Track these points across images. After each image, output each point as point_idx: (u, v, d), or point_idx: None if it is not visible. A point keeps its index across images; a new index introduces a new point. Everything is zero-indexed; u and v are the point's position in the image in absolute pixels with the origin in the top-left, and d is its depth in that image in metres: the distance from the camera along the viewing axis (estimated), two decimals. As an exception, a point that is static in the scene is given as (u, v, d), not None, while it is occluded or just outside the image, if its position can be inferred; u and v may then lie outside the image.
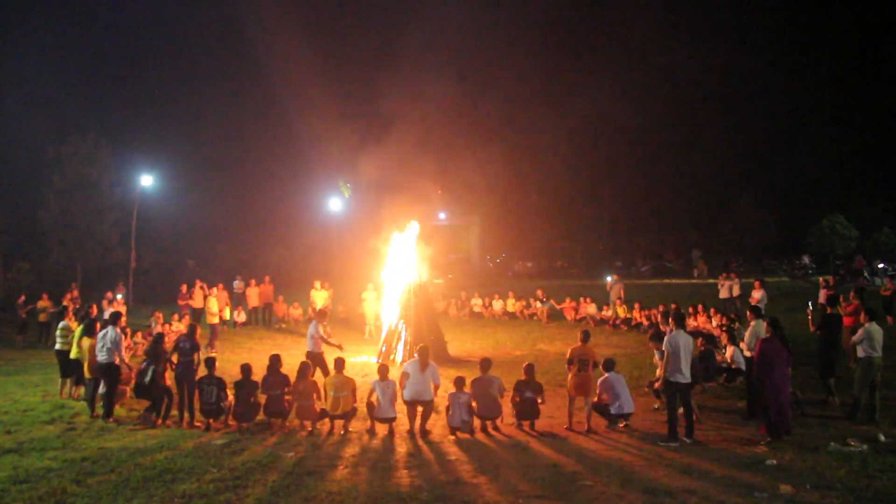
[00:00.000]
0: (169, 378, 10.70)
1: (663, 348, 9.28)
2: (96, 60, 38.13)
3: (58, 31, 34.16)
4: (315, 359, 11.78)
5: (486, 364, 10.14)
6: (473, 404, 9.73)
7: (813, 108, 53.89)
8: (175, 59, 43.58)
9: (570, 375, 9.93)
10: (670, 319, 9.88)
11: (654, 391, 10.51)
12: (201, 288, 20.25)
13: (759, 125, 55.84)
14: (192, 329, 11.48)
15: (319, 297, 22.13)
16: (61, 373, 12.25)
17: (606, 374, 9.95)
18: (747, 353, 10.60)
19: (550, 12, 59.84)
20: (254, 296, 22.50)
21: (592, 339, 11.18)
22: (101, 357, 10.72)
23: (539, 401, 9.81)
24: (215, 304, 18.30)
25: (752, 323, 10.69)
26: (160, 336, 11.86)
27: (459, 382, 9.84)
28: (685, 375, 9.05)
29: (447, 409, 9.81)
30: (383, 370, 10.02)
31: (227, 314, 20.79)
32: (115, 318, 11.47)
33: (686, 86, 55.91)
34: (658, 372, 10.35)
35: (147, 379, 10.45)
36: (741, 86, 56.44)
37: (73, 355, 11.74)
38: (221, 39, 45.59)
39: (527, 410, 9.75)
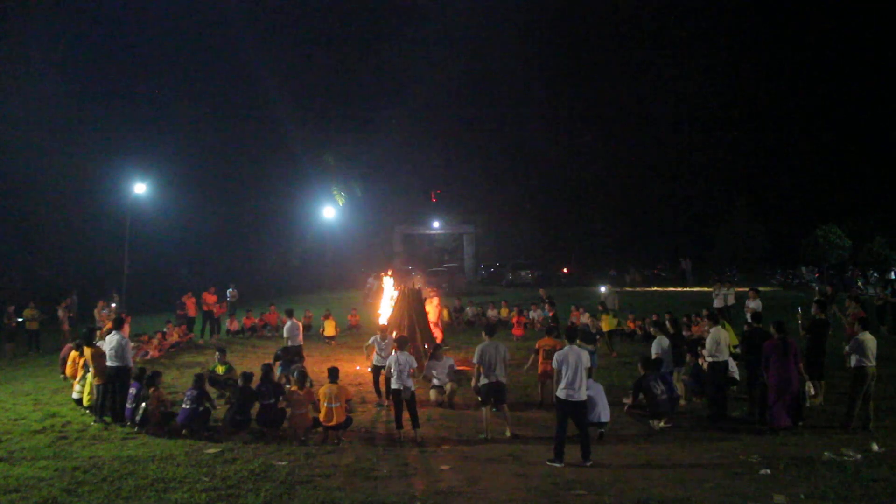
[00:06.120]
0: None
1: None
2: (90, 67, 37.87)
3: (53, 39, 33.97)
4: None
5: (437, 351, 11.77)
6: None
7: (806, 119, 54.14)
8: (170, 66, 43.26)
9: (539, 362, 11.19)
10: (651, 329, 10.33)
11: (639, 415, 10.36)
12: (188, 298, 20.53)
13: (753, 135, 56.09)
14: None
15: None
16: None
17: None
18: (709, 359, 10.70)
19: (547, 25, 60.32)
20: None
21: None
22: (112, 362, 10.83)
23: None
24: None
25: (711, 330, 10.92)
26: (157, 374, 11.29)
27: (402, 342, 10.21)
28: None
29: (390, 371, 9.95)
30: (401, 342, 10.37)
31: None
32: (119, 323, 11.53)
33: (679, 96, 56.29)
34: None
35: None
36: (734, 95, 56.71)
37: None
38: (216, 47, 45.41)
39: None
